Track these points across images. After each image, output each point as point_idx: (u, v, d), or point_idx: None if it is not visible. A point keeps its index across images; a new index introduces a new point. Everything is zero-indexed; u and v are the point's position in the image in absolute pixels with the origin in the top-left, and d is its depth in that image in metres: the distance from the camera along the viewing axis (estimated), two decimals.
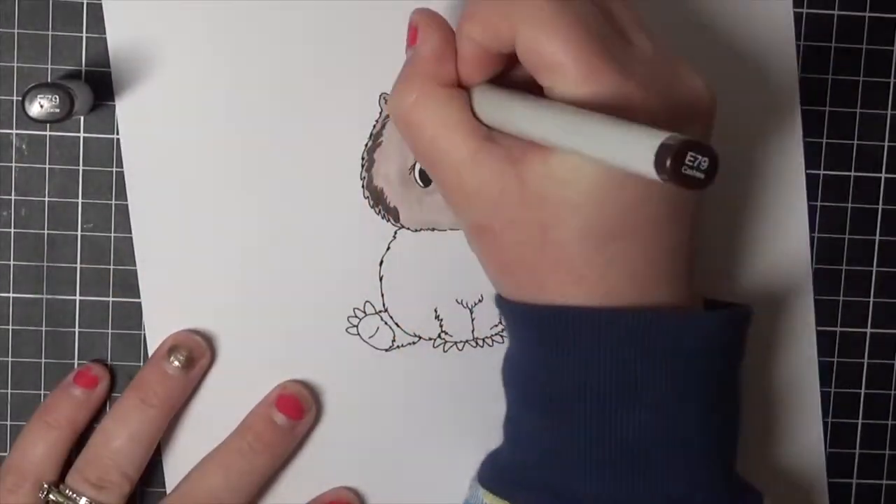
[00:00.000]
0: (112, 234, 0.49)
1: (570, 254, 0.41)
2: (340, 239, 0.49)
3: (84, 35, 0.48)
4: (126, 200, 0.49)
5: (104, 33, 0.48)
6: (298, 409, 0.48)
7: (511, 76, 0.44)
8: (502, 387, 0.45)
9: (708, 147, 0.34)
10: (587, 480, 0.41)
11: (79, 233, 0.49)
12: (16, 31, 0.48)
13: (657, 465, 0.41)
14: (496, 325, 0.50)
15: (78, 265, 0.49)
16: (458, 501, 0.47)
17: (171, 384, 0.48)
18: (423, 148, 0.44)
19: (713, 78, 0.43)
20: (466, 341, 0.50)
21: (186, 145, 0.48)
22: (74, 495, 0.47)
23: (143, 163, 0.48)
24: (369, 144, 0.49)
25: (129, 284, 0.49)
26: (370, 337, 0.50)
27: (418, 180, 0.49)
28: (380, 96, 0.48)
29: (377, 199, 0.49)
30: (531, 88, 0.42)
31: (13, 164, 0.49)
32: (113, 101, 0.48)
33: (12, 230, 0.49)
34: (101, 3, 0.48)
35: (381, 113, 0.48)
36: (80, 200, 0.49)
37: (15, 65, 0.48)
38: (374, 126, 0.48)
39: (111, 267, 0.49)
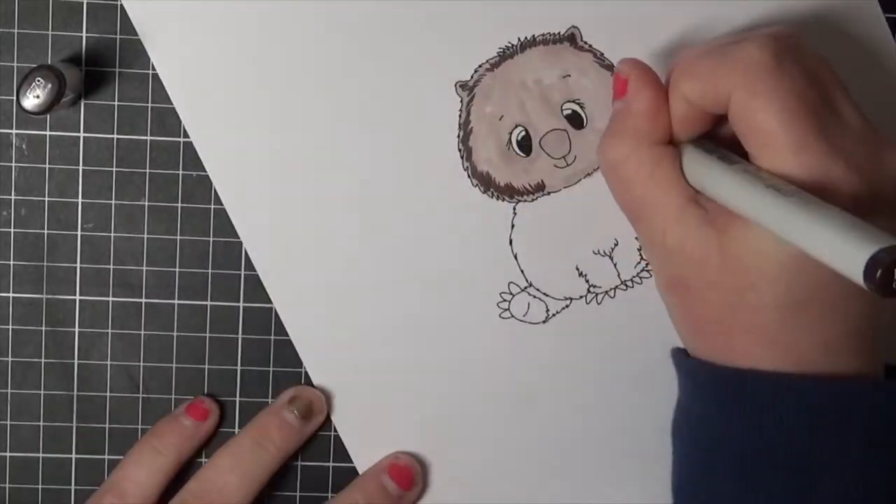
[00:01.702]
0: (112, 234, 0.49)
1: (764, 319, 0.42)
2: (466, 232, 0.49)
3: (84, 35, 0.48)
4: (124, 200, 0.49)
5: (104, 33, 0.48)
6: (409, 480, 0.50)
7: (716, 133, 0.45)
8: (670, 437, 0.46)
9: None
10: None
11: (79, 233, 0.49)
12: (15, 30, 0.48)
13: None
14: (639, 263, 0.50)
15: (78, 265, 0.49)
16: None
17: (288, 432, 0.49)
18: (631, 202, 0.45)
19: None
20: (616, 287, 0.50)
21: (275, 155, 0.48)
22: None
23: (232, 173, 0.49)
24: (461, 135, 0.49)
25: (129, 284, 0.49)
26: (524, 315, 0.50)
27: (518, 151, 0.49)
28: (455, 86, 0.48)
29: (486, 182, 0.49)
30: (735, 147, 0.43)
31: (13, 164, 0.49)
32: (113, 100, 0.48)
33: (12, 230, 0.49)
34: (100, 3, 0.48)
35: (461, 101, 0.48)
36: (80, 200, 0.49)
37: (15, 64, 0.48)
38: (460, 115, 0.49)
39: (111, 267, 0.49)
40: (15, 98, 0.47)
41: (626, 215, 0.46)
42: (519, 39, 0.48)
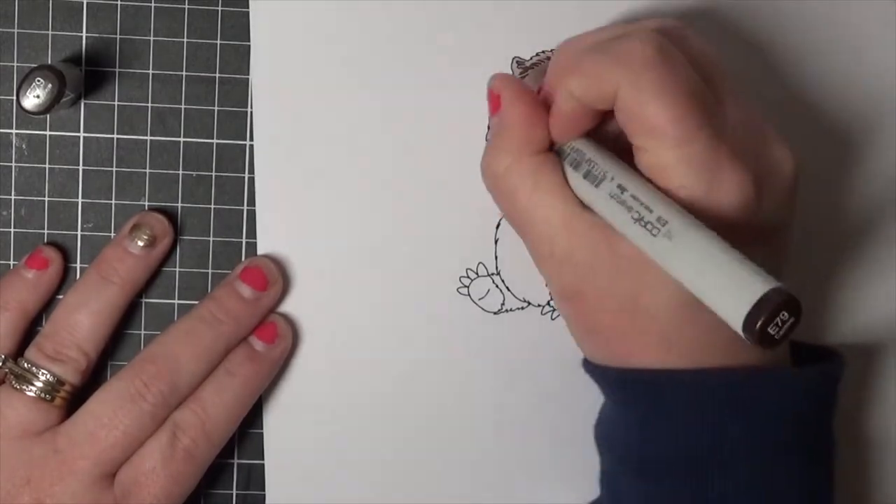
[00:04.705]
0: (112, 234, 0.49)
1: (660, 323, 0.42)
2: (460, 198, 0.49)
3: (84, 35, 0.48)
4: (124, 200, 0.49)
5: (104, 33, 0.48)
6: (263, 280, 0.48)
7: (603, 129, 0.44)
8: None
9: (792, 303, 0.35)
10: None
11: (79, 233, 0.49)
12: (15, 30, 0.48)
13: None
14: None
15: (78, 265, 0.49)
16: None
17: (132, 262, 0.48)
18: (516, 215, 0.44)
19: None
20: None
21: (314, 118, 0.49)
22: (32, 367, 0.46)
23: (269, 109, 0.49)
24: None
25: None
26: (480, 299, 0.50)
27: None
28: (512, 60, 0.48)
29: None
30: (619, 142, 0.42)
31: (13, 164, 0.49)
32: (113, 100, 0.48)
33: (12, 230, 0.49)
34: (100, 3, 0.48)
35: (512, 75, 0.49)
36: (80, 200, 0.49)
37: (15, 64, 0.48)
38: None
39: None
40: (15, 98, 0.47)
41: (515, 229, 0.45)
42: None
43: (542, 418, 0.51)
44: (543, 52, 0.49)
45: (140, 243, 0.48)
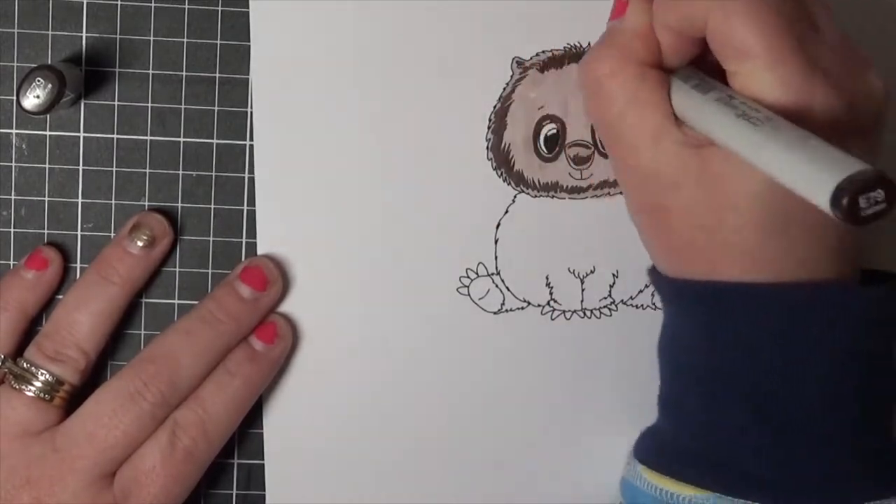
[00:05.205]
0: (112, 234, 0.49)
1: (744, 239, 0.42)
2: (460, 197, 0.49)
3: (84, 34, 0.48)
4: (124, 200, 0.49)
5: (104, 33, 0.48)
6: (263, 281, 0.48)
7: (703, 61, 0.44)
8: (656, 358, 0.46)
9: (887, 182, 0.34)
10: (752, 458, 0.42)
11: (79, 233, 0.49)
12: (15, 30, 0.48)
13: (819, 441, 0.42)
14: (605, 298, 0.50)
15: (78, 265, 0.49)
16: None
17: (132, 262, 0.48)
18: (610, 119, 0.44)
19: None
20: (574, 311, 0.50)
21: (313, 97, 0.48)
22: (32, 367, 0.46)
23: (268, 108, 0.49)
24: (497, 107, 0.49)
25: None
26: (480, 298, 0.50)
27: (543, 145, 0.49)
28: (512, 60, 0.48)
29: (501, 161, 0.49)
30: (718, 73, 0.42)
31: (13, 164, 0.49)
32: (113, 100, 0.48)
33: (12, 230, 0.49)
34: (100, 3, 0.48)
35: (511, 76, 0.48)
36: (80, 200, 0.49)
37: (15, 64, 0.48)
38: (504, 89, 0.49)
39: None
40: (15, 98, 0.47)
41: (602, 136, 0.45)
42: (589, 44, 0.48)
43: (542, 418, 0.51)
44: (544, 52, 0.49)
45: (139, 243, 0.48)
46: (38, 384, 0.46)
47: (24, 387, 0.46)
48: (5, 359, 0.47)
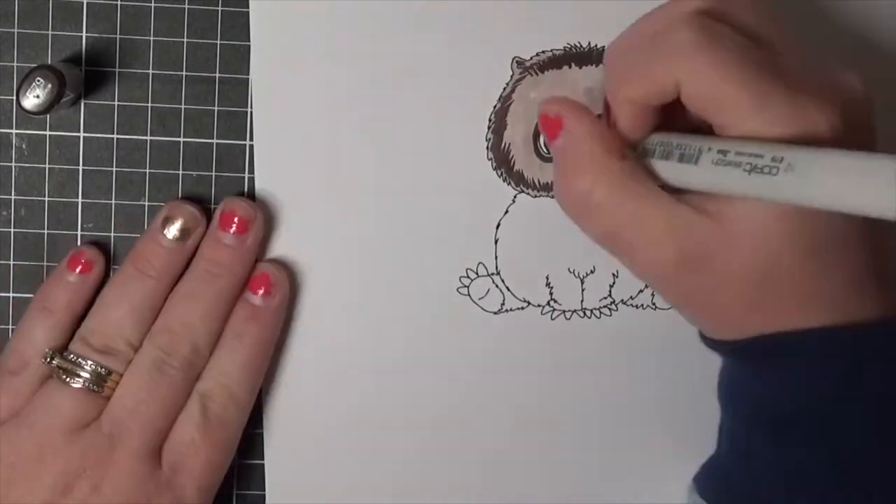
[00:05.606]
0: (112, 234, 0.49)
1: (796, 282, 0.41)
2: (460, 198, 0.49)
3: (84, 34, 0.48)
4: (124, 200, 0.49)
5: (104, 33, 0.48)
6: (242, 221, 0.48)
7: (673, 126, 0.44)
8: (717, 397, 0.46)
9: None
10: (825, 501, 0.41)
11: (79, 233, 0.49)
12: (15, 30, 0.48)
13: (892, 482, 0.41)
14: (605, 298, 0.50)
15: None
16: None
17: (167, 256, 0.48)
18: (613, 229, 0.43)
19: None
20: (574, 311, 0.50)
21: (312, 95, 0.48)
22: (79, 359, 0.46)
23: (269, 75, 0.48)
24: (497, 107, 0.49)
25: None
26: (480, 298, 0.50)
27: (542, 145, 0.49)
28: (512, 60, 0.48)
29: (501, 161, 0.49)
30: (701, 131, 0.42)
31: (13, 164, 0.49)
32: (113, 100, 0.48)
33: (12, 230, 0.49)
34: (100, 3, 0.48)
35: (511, 76, 0.48)
36: (80, 200, 0.49)
37: (15, 64, 0.48)
38: (504, 89, 0.49)
39: (111, 267, 0.49)
40: (15, 98, 0.47)
41: (609, 248, 0.44)
42: (589, 44, 0.48)
43: (542, 419, 0.51)
44: (543, 52, 0.49)
45: (172, 236, 0.48)
46: (86, 374, 0.46)
47: (71, 379, 0.46)
48: (53, 353, 0.47)
